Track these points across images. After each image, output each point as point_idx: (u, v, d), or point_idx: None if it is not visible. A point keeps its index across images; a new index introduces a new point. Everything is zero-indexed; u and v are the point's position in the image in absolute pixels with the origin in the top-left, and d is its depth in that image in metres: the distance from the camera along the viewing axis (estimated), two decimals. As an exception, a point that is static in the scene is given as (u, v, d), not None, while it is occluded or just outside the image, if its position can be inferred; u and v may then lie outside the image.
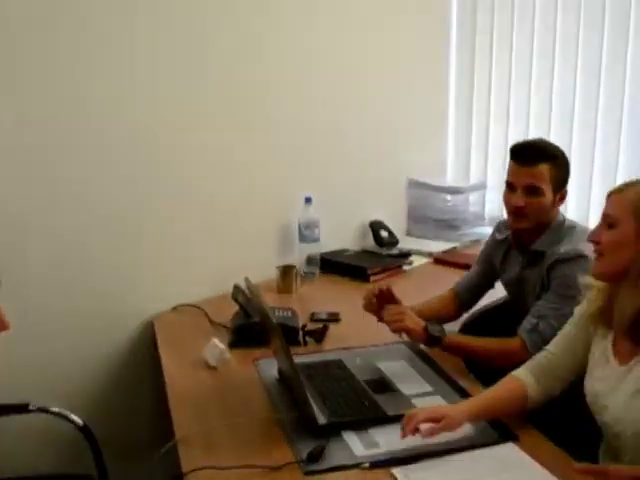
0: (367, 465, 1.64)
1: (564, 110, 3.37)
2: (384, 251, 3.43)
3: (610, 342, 1.71)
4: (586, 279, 1.78)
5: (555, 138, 3.32)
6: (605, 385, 1.68)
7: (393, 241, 3.53)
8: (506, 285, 2.41)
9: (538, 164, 2.12)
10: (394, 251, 3.44)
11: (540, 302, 2.14)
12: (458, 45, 3.81)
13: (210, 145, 2.85)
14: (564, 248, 2.12)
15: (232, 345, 2.37)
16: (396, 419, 1.80)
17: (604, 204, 1.69)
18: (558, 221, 2.21)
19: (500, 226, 2.43)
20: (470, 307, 2.52)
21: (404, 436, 1.67)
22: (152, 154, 2.67)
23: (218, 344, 2.26)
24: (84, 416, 2.24)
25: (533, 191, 2.13)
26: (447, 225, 3.67)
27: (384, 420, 1.84)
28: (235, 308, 2.54)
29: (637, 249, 1.58)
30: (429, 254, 3.43)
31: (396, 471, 1.62)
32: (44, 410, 2.19)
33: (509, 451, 1.69)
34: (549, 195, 2.14)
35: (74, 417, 2.20)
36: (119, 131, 2.56)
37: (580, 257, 2.06)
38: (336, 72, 3.29)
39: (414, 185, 3.76)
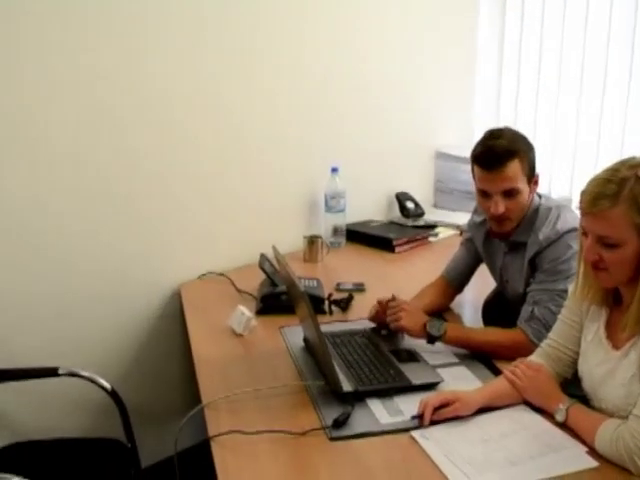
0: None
1: (594, 81, 3.29)
2: (410, 222, 3.42)
3: (603, 324, 1.67)
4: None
5: (584, 112, 3.30)
6: (602, 372, 1.64)
7: (419, 212, 3.50)
8: (491, 271, 2.35)
9: (506, 164, 1.99)
10: (420, 222, 3.42)
11: (532, 286, 2.07)
12: (487, 16, 3.74)
13: (239, 116, 2.85)
14: (543, 234, 2.04)
15: (259, 313, 2.39)
16: (421, 388, 1.84)
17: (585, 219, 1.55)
18: (533, 207, 2.11)
19: (477, 208, 2.32)
20: (462, 289, 2.44)
21: (424, 423, 1.68)
22: (185, 129, 2.69)
23: (245, 312, 2.27)
24: (112, 381, 2.29)
25: (510, 193, 2.03)
26: (474, 197, 3.61)
27: (409, 389, 1.85)
28: (260, 277, 2.56)
29: None
30: (456, 226, 3.39)
31: (415, 433, 1.65)
32: (73, 374, 2.24)
33: (522, 412, 1.74)
34: (525, 189, 2.05)
35: (103, 382, 2.25)
36: (153, 109, 2.59)
37: (562, 236, 2.02)
38: (364, 44, 3.26)
39: (441, 157, 3.72)
